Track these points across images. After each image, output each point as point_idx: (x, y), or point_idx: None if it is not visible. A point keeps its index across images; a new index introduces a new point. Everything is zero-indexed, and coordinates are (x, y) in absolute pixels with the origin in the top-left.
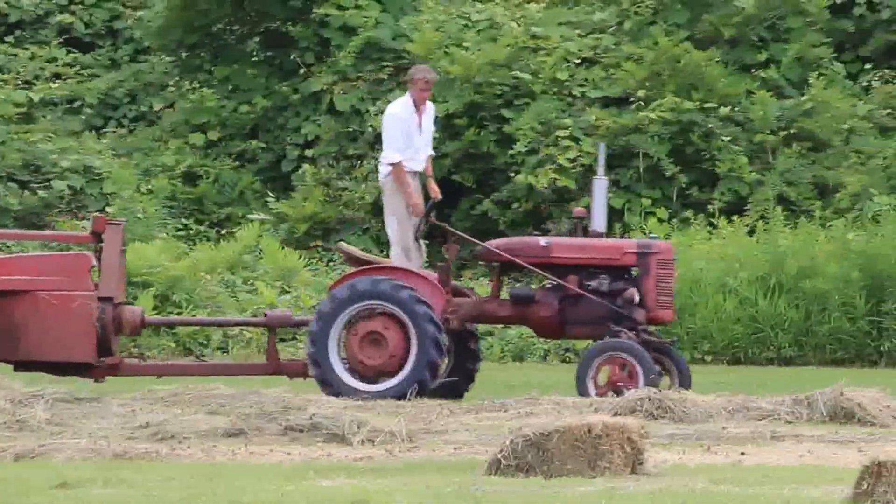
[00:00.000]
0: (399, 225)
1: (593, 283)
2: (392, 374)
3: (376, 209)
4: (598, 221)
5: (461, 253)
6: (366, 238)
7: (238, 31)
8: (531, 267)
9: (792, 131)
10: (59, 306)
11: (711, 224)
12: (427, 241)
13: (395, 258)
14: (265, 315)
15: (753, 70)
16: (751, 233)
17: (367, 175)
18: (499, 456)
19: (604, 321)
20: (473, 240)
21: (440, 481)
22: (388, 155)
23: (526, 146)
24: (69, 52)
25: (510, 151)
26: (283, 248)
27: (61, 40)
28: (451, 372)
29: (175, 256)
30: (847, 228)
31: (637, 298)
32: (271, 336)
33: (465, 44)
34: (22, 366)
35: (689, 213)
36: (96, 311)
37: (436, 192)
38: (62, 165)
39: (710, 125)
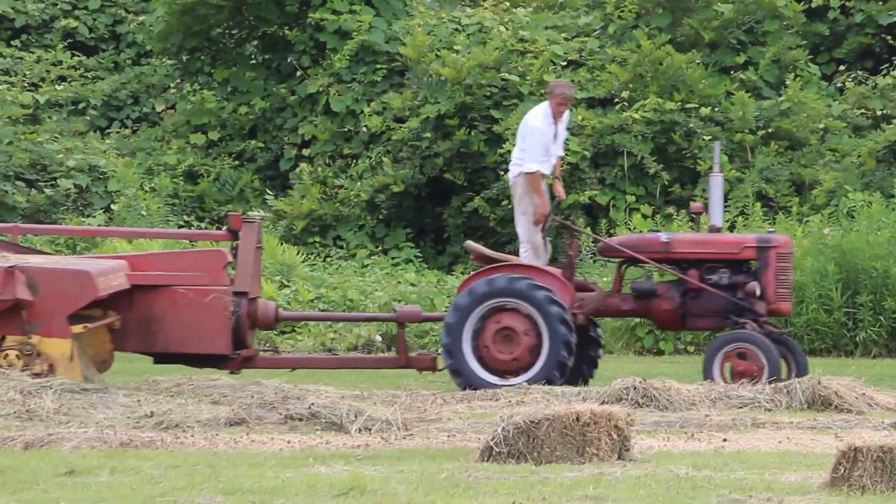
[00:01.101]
0: (529, 223)
1: (714, 277)
2: (522, 370)
3: (370, 206)
4: (716, 217)
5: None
6: (361, 234)
7: (237, 35)
8: (653, 262)
9: (770, 131)
10: (195, 300)
11: (693, 220)
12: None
13: (525, 255)
14: (395, 311)
15: (732, 72)
16: (731, 228)
17: (361, 173)
18: (491, 443)
19: (724, 314)
20: (596, 236)
21: (434, 468)
22: (527, 164)
23: (514, 145)
24: (74, 55)
25: (499, 150)
26: (281, 243)
27: (66, 44)
28: (575, 359)
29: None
30: (823, 224)
31: (758, 291)
32: (400, 331)
33: (455, 47)
34: (161, 358)
35: (671, 210)
36: (232, 305)
37: (561, 193)
38: (68, 165)
39: (692, 125)
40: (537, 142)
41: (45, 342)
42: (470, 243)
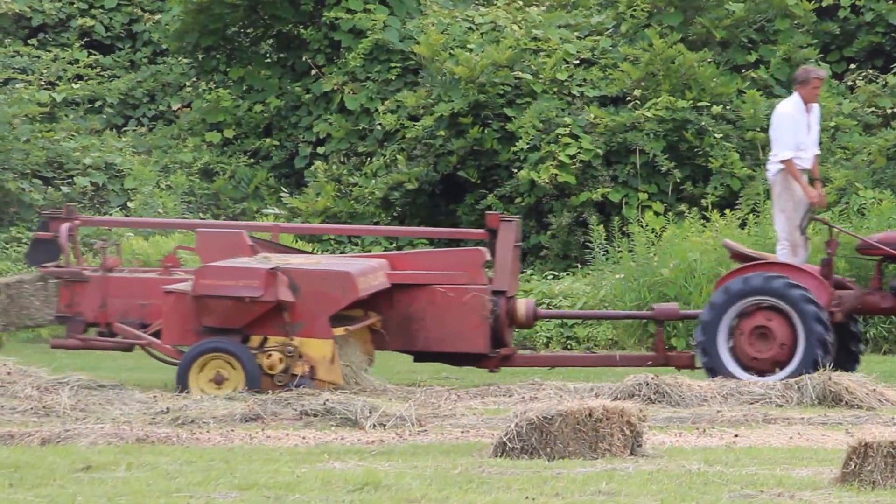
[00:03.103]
0: (787, 221)
1: None
2: (777, 368)
3: (385, 203)
4: None
5: None
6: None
7: (252, 34)
8: None
9: None
10: (454, 299)
11: (705, 217)
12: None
13: (782, 253)
14: (652, 308)
15: (744, 70)
16: (742, 225)
17: (376, 171)
18: (504, 439)
19: None
20: (854, 234)
21: (448, 463)
22: (778, 152)
23: (528, 143)
24: (90, 54)
25: (513, 148)
26: (296, 241)
27: (83, 43)
28: (836, 355)
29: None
30: (834, 221)
31: None
32: (659, 329)
33: (469, 46)
34: (421, 356)
35: (683, 207)
36: (490, 304)
37: (814, 197)
38: (85, 163)
39: (703, 123)
40: (787, 129)
41: (306, 343)
42: (728, 241)
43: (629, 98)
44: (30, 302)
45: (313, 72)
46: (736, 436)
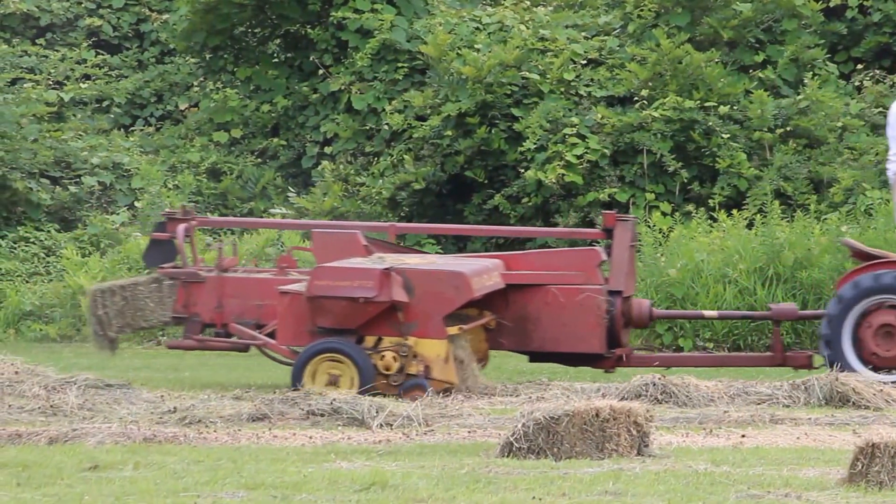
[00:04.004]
0: None
1: None
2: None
3: (392, 203)
4: None
5: None
6: (382, 232)
7: (259, 34)
8: None
9: (788, 129)
10: (570, 299)
11: (712, 217)
12: None
13: None
14: (769, 308)
15: (751, 70)
16: (749, 226)
17: (383, 171)
18: (511, 439)
19: None
20: None
21: (455, 463)
22: (891, 162)
23: (535, 143)
24: (98, 53)
25: (520, 148)
26: (303, 240)
27: (90, 42)
28: None
29: (200, 249)
30: (841, 221)
31: None
32: (776, 329)
33: (476, 46)
34: (536, 357)
35: (690, 207)
36: (605, 304)
37: None
38: (92, 162)
39: (711, 123)
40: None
41: (421, 343)
42: (847, 240)
43: (636, 98)
44: (144, 303)
45: (320, 72)
46: (743, 436)
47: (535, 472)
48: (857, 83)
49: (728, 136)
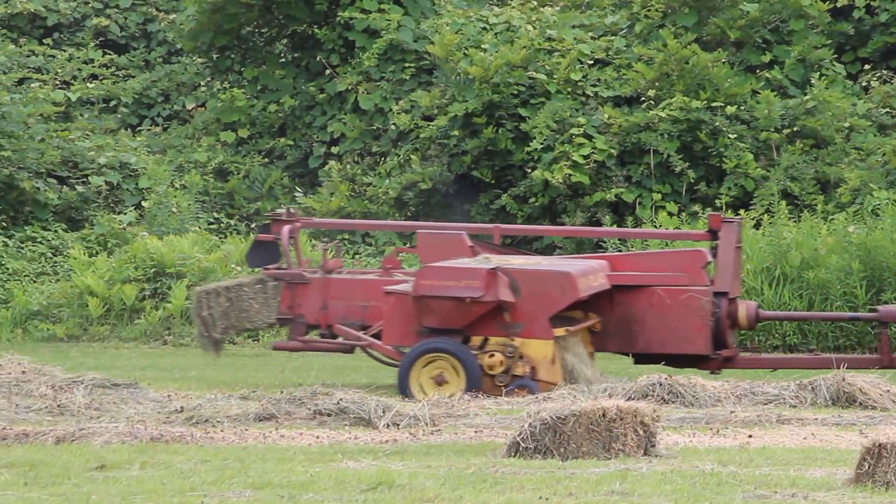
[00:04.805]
0: None
1: None
2: None
3: (399, 203)
4: None
5: None
6: (389, 231)
7: (266, 33)
8: None
9: (795, 129)
10: (675, 301)
11: None
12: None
13: None
14: (876, 310)
15: (758, 71)
16: (756, 226)
17: (390, 171)
18: (517, 439)
19: None
20: None
21: (461, 463)
22: None
23: (542, 143)
24: (105, 53)
25: (527, 148)
26: (310, 240)
27: (97, 42)
28: None
29: (207, 249)
30: (848, 222)
31: None
32: (883, 330)
33: (483, 46)
34: (641, 358)
35: (697, 208)
36: (711, 305)
37: None
38: (99, 162)
39: (717, 123)
40: None
41: (527, 344)
42: None
43: (643, 98)
44: (249, 305)
45: (327, 71)
46: (750, 436)
47: (541, 471)
48: (864, 83)
49: (735, 136)
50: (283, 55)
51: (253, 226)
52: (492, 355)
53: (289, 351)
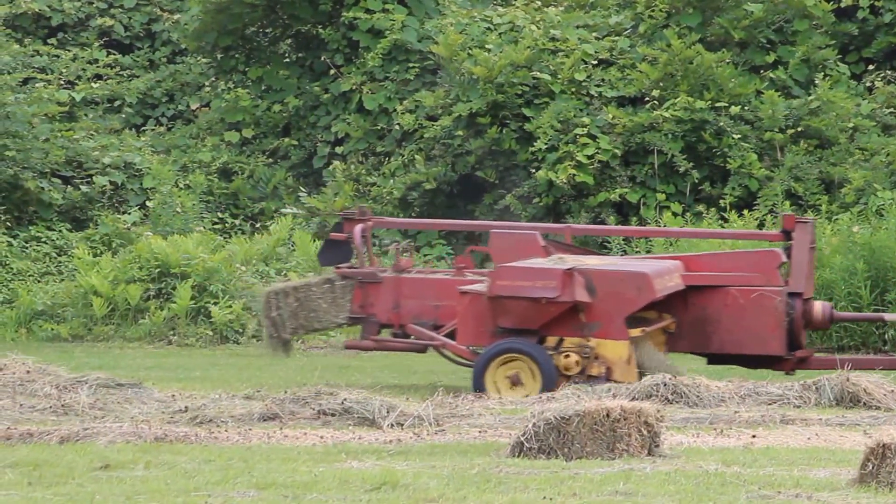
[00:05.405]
0: None
1: None
2: None
3: (403, 203)
4: None
5: None
6: (393, 231)
7: (270, 33)
8: None
9: (799, 129)
10: (750, 301)
11: (723, 218)
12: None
13: None
14: None
15: (762, 71)
16: (760, 226)
17: (394, 171)
18: (522, 439)
19: None
20: None
21: (466, 463)
22: None
23: (546, 143)
24: (109, 53)
25: (531, 148)
26: (314, 240)
27: (102, 42)
28: None
29: (211, 249)
30: (852, 222)
31: None
32: None
33: (487, 46)
34: (715, 359)
35: (701, 208)
36: (785, 305)
37: None
38: (104, 162)
39: (722, 123)
40: None
41: (602, 344)
42: None
43: (647, 98)
44: (318, 305)
45: (332, 71)
46: (754, 436)
47: (545, 471)
48: (868, 83)
49: (739, 136)
50: (287, 55)
51: (257, 225)
52: (567, 356)
53: (362, 350)
